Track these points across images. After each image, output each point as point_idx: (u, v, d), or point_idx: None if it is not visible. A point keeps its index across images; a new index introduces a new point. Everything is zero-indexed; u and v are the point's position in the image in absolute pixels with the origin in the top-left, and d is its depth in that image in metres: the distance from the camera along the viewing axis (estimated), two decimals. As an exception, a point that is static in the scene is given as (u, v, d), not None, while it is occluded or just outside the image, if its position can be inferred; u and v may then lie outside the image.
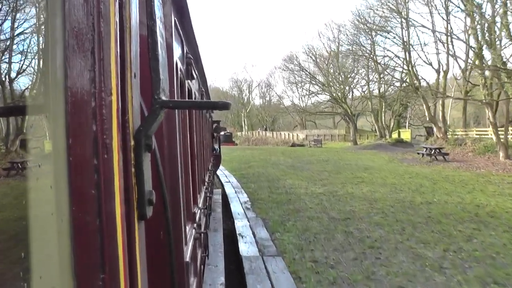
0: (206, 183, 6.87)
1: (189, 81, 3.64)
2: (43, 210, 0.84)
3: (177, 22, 2.73)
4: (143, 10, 1.17)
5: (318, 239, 8.62)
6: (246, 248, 7.87)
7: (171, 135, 2.35)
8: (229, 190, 15.68)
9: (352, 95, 65.31)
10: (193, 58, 3.57)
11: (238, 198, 13.80)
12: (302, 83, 73.62)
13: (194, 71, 4.04)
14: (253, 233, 8.99)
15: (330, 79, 61.02)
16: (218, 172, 21.33)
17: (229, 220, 10.73)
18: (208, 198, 7.25)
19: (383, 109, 57.07)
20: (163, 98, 1.10)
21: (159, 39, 1.12)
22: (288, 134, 76.18)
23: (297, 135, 73.33)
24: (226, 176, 19.96)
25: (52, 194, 0.81)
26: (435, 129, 41.67)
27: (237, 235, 8.81)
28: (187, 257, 2.53)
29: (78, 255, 0.79)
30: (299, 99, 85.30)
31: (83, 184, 0.81)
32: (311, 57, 65.56)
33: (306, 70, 65.48)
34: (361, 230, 9.32)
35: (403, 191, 15.16)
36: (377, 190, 15.21)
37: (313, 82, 65.94)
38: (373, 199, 13.26)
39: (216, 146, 14.66)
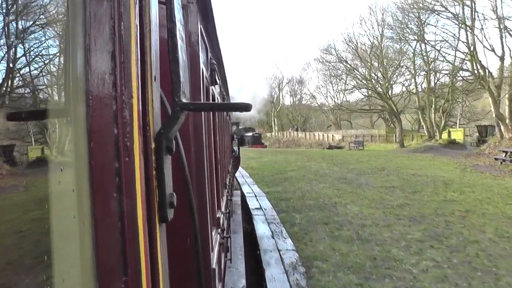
0: (227, 186, 6.68)
1: (212, 86, 3.54)
2: (66, 213, 0.85)
3: (202, 30, 2.70)
4: (163, 13, 1.16)
5: None
6: None
7: (198, 140, 2.38)
8: (261, 228, 9.77)
9: (392, 91, 57.95)
10: (216, 64, 3.55)
11: (279, 252, 7.83)
12: (340, 77, 65.92)
13: (218, 76, 3.95)
14: None
15: (372, 71, 53.70)
16: (247, 189, 15.84)
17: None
18: (229, 201, 7.02)
19: (433, 105, 49.89)
20: (184, 100, 1.08)
21: (179, 41, 1.10)
22: (323, 134, 69.24)
23: (332, 135, 66.48)
24: (256, 197, 14.04)
25: (74, 197, 0.82)
26: (502, 127, 34.33)
27: None
28: (214, 263, 2.50)
29: (100, 258, 0.80)
30: (333, 96, 78.53)
31: (105, 187, 0.81)
32: (351, 46, 57.99)
33: (346, 62, 57.60)
34: None
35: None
36: (514, 234, 8.93)
37: (352, 75, 57.76)
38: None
39: (235, 148, 14.06)
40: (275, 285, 6.23)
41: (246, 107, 1.18)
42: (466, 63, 38.89)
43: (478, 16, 35.39)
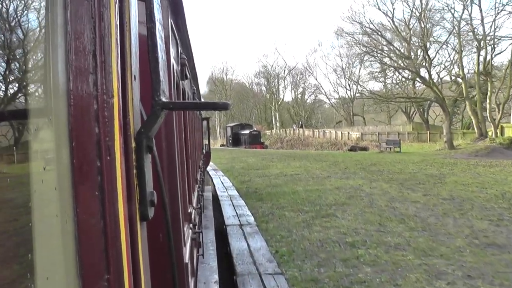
0: (198, 182, 6.83)
1: (182, 81, 3.57)
2: (48, 212, 0.85)
3: (172, 24, 2.70)
4: (142, 13, 1.15)
5: None
6: None
7: (169, 137, 2.37)
8: None
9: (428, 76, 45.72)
10: (186, 58, 3.54)
11: None
12: (370, 55, 50.53)
13: (188, 71, 3.98)
14: None
15: (413, 48, 41.28)
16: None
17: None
18: (200, 196, 7.03)
19: (488, 93, 38.36)
20: (163, 99, 1.08)
21: (159, 41, 1.10)
22: (335, 132, 57.08)
23: (348, 133, 54.56)
24: None
25: (57, 196, 0.82)
26: None
27: None
28: (186, 258, 2.52)
29: (83, 256, 0.80)
30: (345, 87, 66.61)
31: (87, 185, 0.82)
32: (384, 13, 44.37)
33: (379, 33, 43.73)
34: None
35: None
36: None
37: (386, 53, 44.76)
38: None
39: (206, 144, 14.16)
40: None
41: (224, 106, 1.16)
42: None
43: None
